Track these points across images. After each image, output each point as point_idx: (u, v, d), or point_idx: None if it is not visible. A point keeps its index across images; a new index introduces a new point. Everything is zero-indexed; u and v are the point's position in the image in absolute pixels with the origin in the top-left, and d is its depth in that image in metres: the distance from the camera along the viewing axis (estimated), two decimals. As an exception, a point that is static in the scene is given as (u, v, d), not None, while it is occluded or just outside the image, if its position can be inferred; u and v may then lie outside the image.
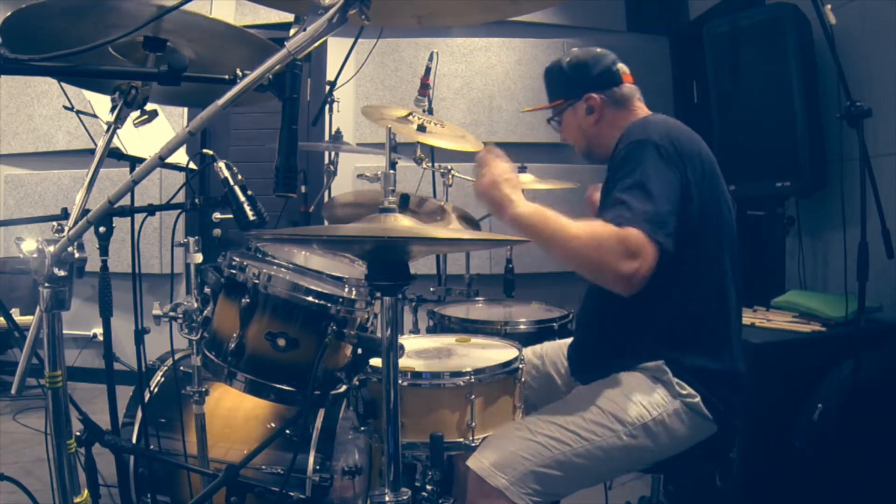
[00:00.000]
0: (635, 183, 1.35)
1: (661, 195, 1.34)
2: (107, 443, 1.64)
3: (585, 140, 1.66)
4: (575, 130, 1.66)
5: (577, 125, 1.65)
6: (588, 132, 1.64)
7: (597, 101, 1.60)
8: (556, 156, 4.06)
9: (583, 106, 1.61)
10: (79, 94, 1.89)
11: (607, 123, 1.60)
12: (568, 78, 1.64)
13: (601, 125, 1.61)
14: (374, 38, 3.58)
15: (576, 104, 1.63)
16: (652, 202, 1.32)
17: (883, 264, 1.90)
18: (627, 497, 2.09)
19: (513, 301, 2.54)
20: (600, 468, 1.40)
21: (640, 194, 1.33)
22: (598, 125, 1.61)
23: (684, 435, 1.42)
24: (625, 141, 1.46)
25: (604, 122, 1.61)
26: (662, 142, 1.40)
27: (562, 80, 1.65)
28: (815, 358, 2.12)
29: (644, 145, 1.40)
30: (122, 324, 2.15)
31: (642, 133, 1.44)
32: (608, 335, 1.55)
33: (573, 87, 1.63)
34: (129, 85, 1.10)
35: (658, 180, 1.35)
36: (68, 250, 1.00)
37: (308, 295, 1.51)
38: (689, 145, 1.44)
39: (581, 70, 1.62)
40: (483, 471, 1.32)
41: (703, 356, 1.44)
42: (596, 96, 1.60)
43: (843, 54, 2.06)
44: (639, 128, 1.48)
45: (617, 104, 1.60)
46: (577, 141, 1.68)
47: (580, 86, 1.61)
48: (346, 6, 0.89)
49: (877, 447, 1.87)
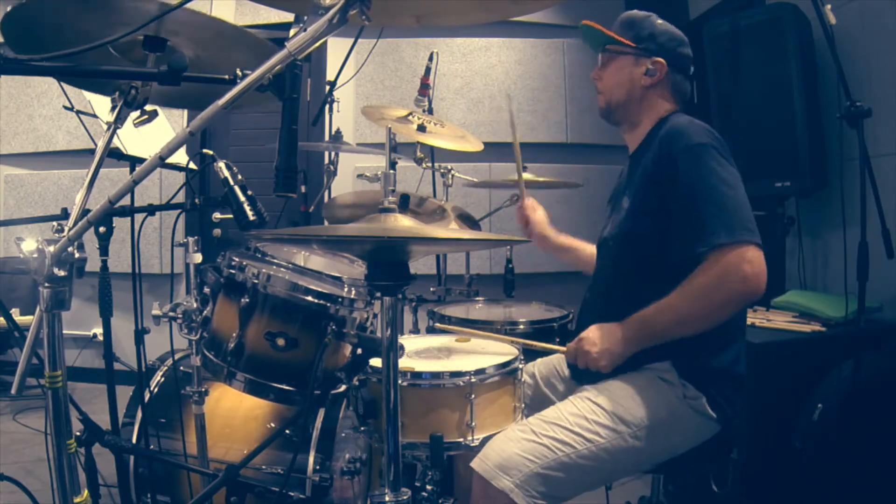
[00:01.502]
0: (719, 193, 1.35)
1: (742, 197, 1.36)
2: (107, 443, 1.64)
3: (625, 94, 1.59)
4: (621, 78, 1.59)
5: (628, 76, 1.58)
6: (634, 90, 1.58)
7: (662, 71, 1.56)
8: (556, 156, 4.06)
9: (647, 64, 1.56)
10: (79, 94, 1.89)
11: (653, 96, 1.58)
12: (654, 33, 1.58)
13: (648, 93, 1.57)
14: (374, 38, 3.58)
15: (641, 58, 1.57)
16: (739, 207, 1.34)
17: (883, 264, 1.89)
18: (627, 497, 2.09)
19: (513, 301, 2.54)
20: (605, 470, 1.39)
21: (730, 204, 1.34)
22: (645, 90, 1.57)
23: (688, 435, 1.42)
24: (679, 141, 1.42)
25: (651, 94, 1.57)
26: (717, 143, 1.41)
27: (647, 31, 1.58)
28: (815, 358, 2.12)
29: (704, 149, 1.39)
30: (122, 324, 2.15)
31: (700, 136, 1.42)
32: None
33: (652, 44, 1.57)
34: (129, 85, 1.10)
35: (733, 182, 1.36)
36: (68, 250, 1.00)
37: (307, 295, 1.51)
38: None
39: (670, 37, 1.58)
40: (487, 473, 1.32)
41: (708, 356, 1.44)
42: (666, 66, 1.56)
43: (843, 54, 2.06)
44: (691, 129, 1.45)
45: (672, 88, 1.59)
46: (614, 89, 1.61)
47: (660, 47, 1.57)
48: (347, 6, 0.89)
49: (877, 447, 1.87)
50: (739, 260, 1.29)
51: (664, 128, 1.50)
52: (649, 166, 1.48)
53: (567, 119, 4.12)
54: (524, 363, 1.54)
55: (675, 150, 1.41)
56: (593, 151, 4.08)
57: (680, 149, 1.41)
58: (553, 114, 4.13)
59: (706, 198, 1.35)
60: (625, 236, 1.54)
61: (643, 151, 1.56)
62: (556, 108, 4.12)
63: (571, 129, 4.13)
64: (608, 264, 1.62)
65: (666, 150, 1.43)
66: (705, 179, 1.36)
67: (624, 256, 1.54)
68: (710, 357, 1.44)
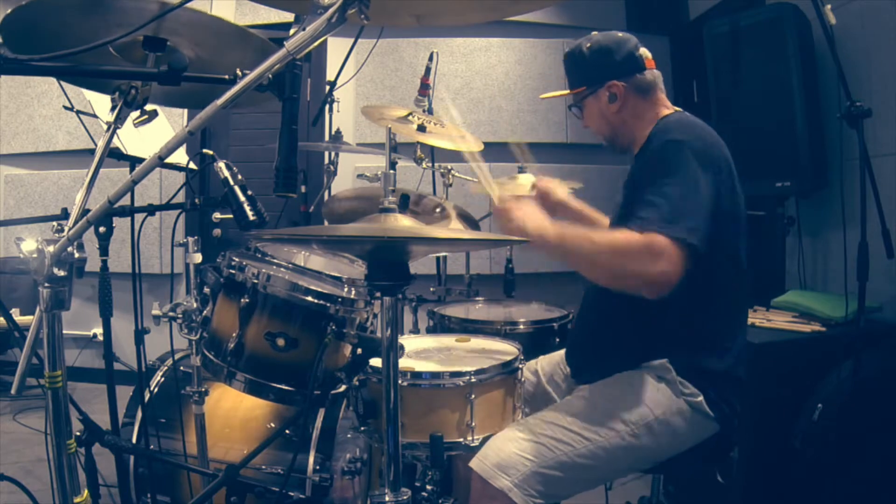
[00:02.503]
0: (671, 184, 1.34)
1: (696, 198, 1.33)
2: (107, 443, 1.63)
3: (609, 128, 1.62)
4: (598, 118, 1.62)
5: (599, 113, 1.60)
6: (612, 120, 1.60)
7: (620, 89, 1.55)
8: (556, 156, 4.06)
9: (605, 93, 1.57)
10: (79, 94, 1.89)
11: (631, 112, 1.58)
12: (589, 64, 1.58)
13: (624, 113, 1.58)
14: (374, 38, 3.58)
15: (598, 91, 1.58)
16: (686, 204, 1.32)
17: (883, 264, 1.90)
18: (627, 497, 2.09)
19: (513, 301, 2.54)
20: (603, 468, 1.39)
21: (674, 196, 1.33)
22: (621, 113, 1.58)
23: (687, 435, 1.42)
24: (660, 138, 1.44)
25: (627, 111, 1.58)
26: (699, 145, 1.39)
27: (583, 66, 1.60)
28: (815, 358, 2.12)
29: (681, 147, 1.38)
30: (122, 324, 2.15)
31: (678, 133, 1.42)
32: (611, 334, 1.54)
33: (595, 74, 1.58)
34: (129, 85, 1.10)
35: (694, 183, 1.35)
36: (68, 250, 1.00)
37: (307, 295, 1.51)
38: (719, 149, 1.44)
39: (603, 55, 1.57)
40: (486, 472, 1.32)
41: (707, 356, 1.43)
42: (619, 84, 1.55)
43: (843, 54, 2.06)
44: (675, 126, 1.46)
45: (641, 91, 1.57)
46: (601, 129, 1.64)
47: (603, 72, 1.57)
48: (346, 6, 0.89)
49: (877, 447, 1.87)
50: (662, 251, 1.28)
51: (656, 129, 1.52)
52: (641, 163, 1.51)
53: (567, 119, 4.12)
54: (524, 363, 1.54)
55: (656, 145, 1.44)
56: (593, 151, 4.07)
57: (658, 145, 1.43)
58: (553, 114, 4.12)
59: (658, 187, 1.35)
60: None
61: (642, 151, 1.58)
62: (556, 108, 4.12)
63: (571, 129, 4.12)
64: None
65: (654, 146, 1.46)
66: (664, 172, 1.37)
67: None
68: (708, 357, 1.44)
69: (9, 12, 1.04)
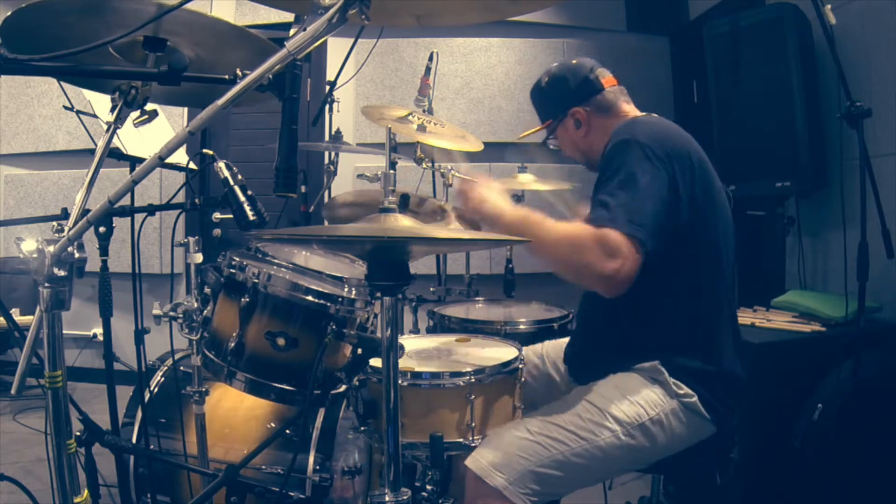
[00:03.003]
0: (618, 182, 1.35)
1: (644, 194, 1.33)
2: (107, 443, 1.63)
3: (581, 153, 1.68)
4: (570, 145, 1.68)
5: (570, 140, 1.67)
6: (581, 145, 1.65)
7: (582, 114, 1.61)
8: (556, 156, 4.04)
9: (570, 121, 1.63)
10: (79, 94, 1.89)
11: (597, 132, 1.61)
12: (549, 97, 1.66)
13: (591, 135, 1.62)
14: (374, 38, 3.58)
15: (564, 120, 1.65)
16: (633, 201, 1.32)
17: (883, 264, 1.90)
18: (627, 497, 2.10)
19: (513, 301, 2.54)
20: (598, 468, 1.40)
21: (622, 194, 1.33)
22: (588, 136, 1.63)
23: (682, 435, 1.42)
24: (612, 142, 1.45)
25: (593, 132, 1.62)
26: (647, 140, 1.39)
27: (545, 101, 1.68)
28: (815, 358, 2.12)
29: (628, 145, 1.39)
30: (122, 324, 2.15)
31: (627, 133, 1.43)
32: (603, 336, 1.55)
33: (557, 105, 1.65)
34: (129, 85, 1.10)
35: (641, 179, 1.34)
36: (68, 250, 1.00)
37: (307, 294, 1.51)
38: (677, 144, 1.42)
39: (559, 86, 1.63)
40: (482, 470, 1.32)
41: (696, 357, 1.43)
42: (580, 109, 1.61)
43: (843, 54, 2.06)
44: (625, 128, 1.48)
45: (602, 111, 1.61)
46: (575, 155, 1.70)
47: (562, 102, 1.63)
48: (346, 6, 0.89)
49: (877, 447, 1.87)
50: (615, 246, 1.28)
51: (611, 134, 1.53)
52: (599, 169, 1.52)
53: (567, 119, 4.12)
54: (524, 363, 1.54)
55: (606, 150, 1.46)
56: (593, 151, 4.08)
57: (608, 148, 1.45)
58: (553, 114, 4.12)
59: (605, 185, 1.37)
60: None
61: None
62: (556, 108, 4.12)
63: (571, 129, 4.12)
64: None
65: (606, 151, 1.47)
66: (616, 169, 1.37)
67: None
68: (698, 358, 1.43)
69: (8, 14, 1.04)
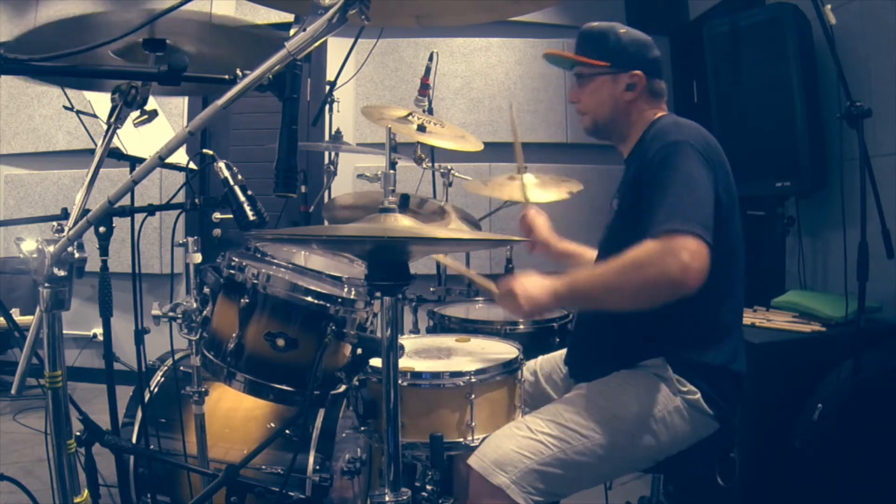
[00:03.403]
0: (680, 185, 1.34)
1: (704, 195, 1.34)
2: (107, 443, 1.63)
3: (610, 113, 1.60)
4: (603, 98, 1.59)
5: (609, 94, 1.59)
6: (619, 107, 1.58)
7: (641, 82, 1.57)
8: (556, 156, 4.06)
9: (625, 80, 1.56)
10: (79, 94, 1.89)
11: (637, 108, 1.58)
12: (623, 47, 1.58)
13: (633, 106, 1.58)
14: (374, 38, 3.58)
15: (620, 75, 1.57)
16: (696, 203, 1.32)
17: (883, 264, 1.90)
18: (627, 497, 2.09)
19: (513, 301, 2.53)
20: (602, 467, 1.40)
21: (686, 196, 1.33)
22: (630, 104, 1.58)
23: (686, 432, 1.42)
24: (659, 140, 1.44)
25: (635, 105, 1.58)
26: (698, 144, 1.40)
27: (614, 47, 1.58)
28: (815, 358, 2.12)
29: (683, 147, 1.39)
30: (122, 324, 2.15)
31: (679, 134, 1.43)
32: (608, 333, 1.54)
33: (626, 59, 1.57)
34: (128, 85, 1.10)
35: (700, 181, 1.35)
36: (68, 250, 1.00)
37: (307, 295, 1.51)
38: (716, 150, 1.45)
39: (639, 47, 1.58)
40: (485, 469, 1.32)
41: (703, 352, 1.43)
42: (643, 77, 1.57)
43: (843, 54, 2.06)
44: (673, 128, 1.46)
45: (653, 94, 1.59)
46: (598, 110, 1.61)
47: (634, 60, 1.57)
48: (346, 6, 0.89)
49: (877, 447, 1.87)
50: (681, 246, 1.26)
51: (652, 131, 1.52)
52: (638, 167, 1.49)
53: (567, 119, 4.12)
54: (525, 362, 1.54)
55: (655, 148, 1.43)
56: (593, 151, 4.07)
57: (658, 147, 1.42)
58: (553, 114, 4.12)
59: (665, 189, 1.35)
60: (614, 236, 1.56)
61: (634, 155, 1.58)
62: (556, 108, 4.12)
63: (571, 129, 4.12)
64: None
65: (650, 151, 1.45)
66: (671, 173, 1.36)
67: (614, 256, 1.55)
68: (702, 353, 1.44)
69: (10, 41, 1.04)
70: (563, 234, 1.93)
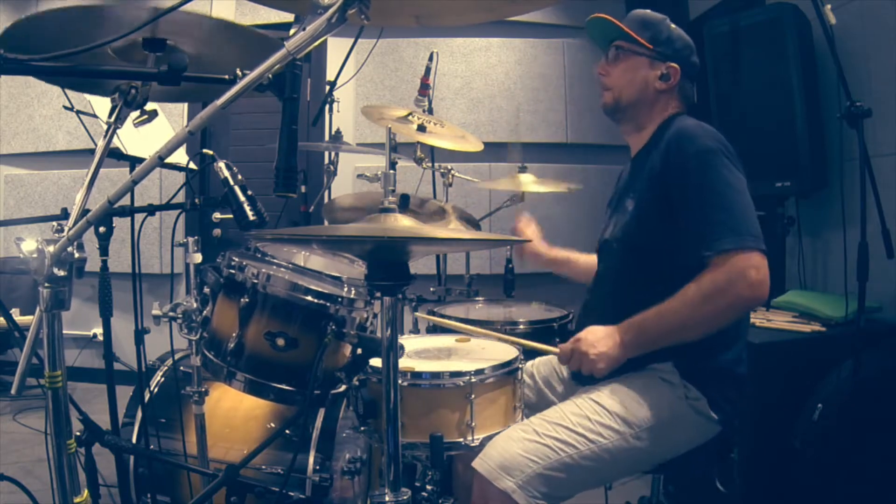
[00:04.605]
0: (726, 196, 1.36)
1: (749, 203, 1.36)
2: (107, 443, 1.63)
3: (637, 95, 1.59)
4: (634, 77, 1.58)
5: (643, 77, 1.58)
6: (647, 92, 1.58)
7: (677, 76, 1.57)
8: (556, 156, 4.06)
9: (662, 68, 1.57)
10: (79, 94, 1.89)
11: (663, 101, 1.59)
12: (671, 39, 1.58)
13: (660, 97, 1.58)
14: (374, 38, 3.58)
15: (658, 63, 1.57)
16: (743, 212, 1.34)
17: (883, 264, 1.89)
18: (627, 497, 2.09)
19: (513, 301, 2.54)
20: (606, 470, 1.40)
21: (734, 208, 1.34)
22: (658, 93, 1.58)
23: (689, 436, 1.42)
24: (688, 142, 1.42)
25: (662, 97, 1.59)
26: (728, 149, 1.42)
27: (664, 34, 1.59)
28: (815, 358, 2.12)
29: (717, 154, 1.39)
30: (122, 324, 2.15)
31: (710, 139, 1.42)
32: None
33: (670, 48, 1.58)
34: (128, 85, 1.10)
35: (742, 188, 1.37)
36: (68, 250, 1.00)
37: (307, 294, 1.51)
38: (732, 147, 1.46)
39: (685, 45, 1.60)
40: (490, 473, 1.32)
41: (710, 356, 1.43)
42: (679, 72, 1.57)
43: (843, 54, 2.06)
44: (699, 131, 1.45)
45: (681, 93, 1.61)
46: (626, 88, 1.59)
47: (675, 53, 1.58)
48: (346, 6, 0.89)
49: (877, 447, 1.87)
50: (746, 265, 1.29)
51: (670, 129, 1.50)
52: (657, 167, 1.47)
53: (567, 119, 4.12)
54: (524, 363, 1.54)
55: (686, 153, 1.41)
56: (593, 151, 4.08)
57: (691, 152, 1.40)
58: (553, 114, 4.12)
59: (715, 203, 1.35)
60: (630, 238, 1.53)
61: (648, 152, 1.55)
62: (556, 108, 4.12)
63: (571, 129, 4.13)
64: (612, 266, 1.62)
65: (675, 153, 1.43)
66: (715, 184, 1.36)
67: (629, 259, 1.54)
68: (711, 357, 1.44)
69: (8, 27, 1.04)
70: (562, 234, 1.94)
